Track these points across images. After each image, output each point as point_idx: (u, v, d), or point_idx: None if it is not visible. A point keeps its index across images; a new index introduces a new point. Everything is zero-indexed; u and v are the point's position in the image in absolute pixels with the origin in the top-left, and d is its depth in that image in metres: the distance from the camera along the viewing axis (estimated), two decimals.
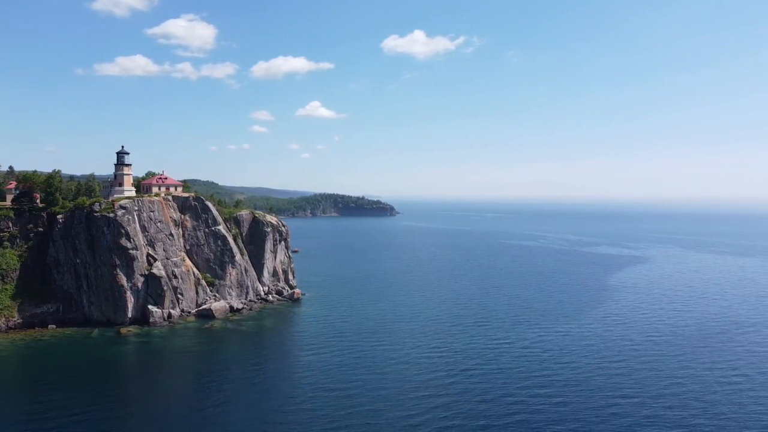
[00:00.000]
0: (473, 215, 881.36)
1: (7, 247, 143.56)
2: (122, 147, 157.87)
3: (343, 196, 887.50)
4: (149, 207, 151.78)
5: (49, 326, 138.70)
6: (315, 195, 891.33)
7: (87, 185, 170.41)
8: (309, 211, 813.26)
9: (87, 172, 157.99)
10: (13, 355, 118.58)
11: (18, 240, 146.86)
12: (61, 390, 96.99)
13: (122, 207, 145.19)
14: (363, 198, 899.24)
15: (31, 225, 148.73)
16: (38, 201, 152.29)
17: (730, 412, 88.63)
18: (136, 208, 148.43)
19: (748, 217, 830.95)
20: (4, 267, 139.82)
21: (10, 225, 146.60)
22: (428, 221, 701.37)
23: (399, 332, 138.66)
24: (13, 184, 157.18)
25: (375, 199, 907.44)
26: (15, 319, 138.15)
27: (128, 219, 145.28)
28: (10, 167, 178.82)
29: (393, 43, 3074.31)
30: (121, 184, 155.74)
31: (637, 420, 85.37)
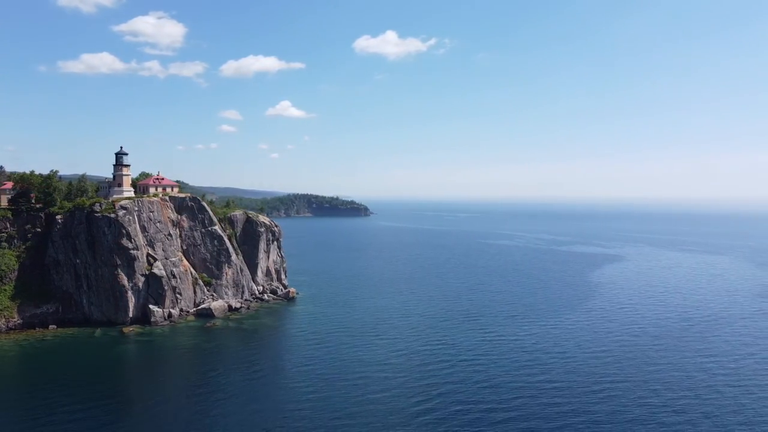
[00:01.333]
0: (446, 215, 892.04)
1: (5, 248, 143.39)
2: (121, 148, 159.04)
3: (316, 197, 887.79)
4: (149, 207, 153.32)
5: (50, 326, 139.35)
6: (288, 195, 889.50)
7: (79, 185, 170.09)
8: (283, 211, 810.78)
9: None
10: (20, 356, 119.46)
11: (16, 240, 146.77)
12: (74, 389, 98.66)
13: (123, 207, 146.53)
14: (337, 198, 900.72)
15: (28, 225, 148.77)
16: (33, 201, 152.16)
17: (706, 394, 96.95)
18: (136, 208, 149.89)
19: (714, 216, 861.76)
20: (3, 268, 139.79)
21: (8, 225, 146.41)
22: (403, 221, 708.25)
23: (396, 327, 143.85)
24: (9, 185, 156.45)
25: (349, 200, 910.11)
26: (15, 319, 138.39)
27: (129, 219, 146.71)
28: (1, 167, 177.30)
29: (365, 43, 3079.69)
30: (120, 185, 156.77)
31: (629, 401, 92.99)
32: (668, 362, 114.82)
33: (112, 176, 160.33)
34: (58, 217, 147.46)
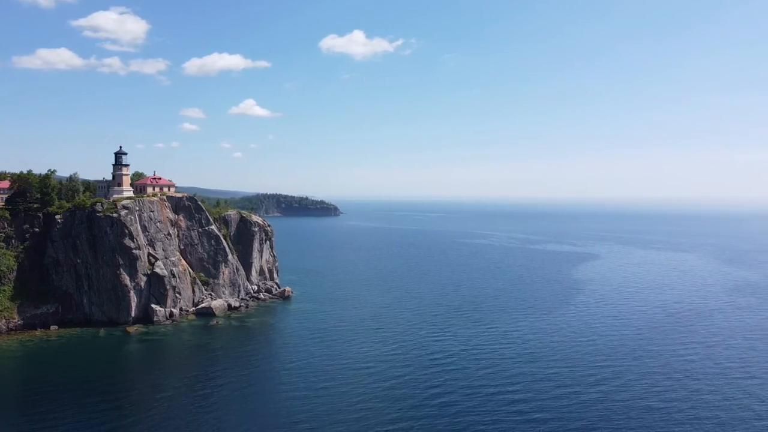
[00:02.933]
0: (416, 215, 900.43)
1: (2, 248, 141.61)
2: (120, 147, 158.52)
3: (285, 196, 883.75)
4: (149, 207, 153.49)
5: (51, 327, 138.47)
6: (257, 195, 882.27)
7: (71, 185, 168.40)
8: (251, 211, 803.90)
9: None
10: (28, 356, 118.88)
11: (13, 240, 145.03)
12: (90, 389, 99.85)
13: (125, 207, 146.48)
14: (307, 198, 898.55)
15: (26, 225, 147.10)
16: (29, 201, 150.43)
17: (685, 377, 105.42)
18: (138, 208, 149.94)
19: (668, 216, 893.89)
20: (3, 268, 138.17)
21: (5, 225, 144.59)
22: (374, 221, 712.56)
23: (394, 322, 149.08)
24: (6, 184, 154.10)
25: (318, 200, 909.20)
26: (15, 320, 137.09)
27: (131, 219, 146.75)
28: None
29: (332, 42, 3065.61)
30: (120, 185, 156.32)
31: (616, 386, 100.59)
32: (649, 350, 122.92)
33: (111, 176, 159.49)
34: (58, 216, 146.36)
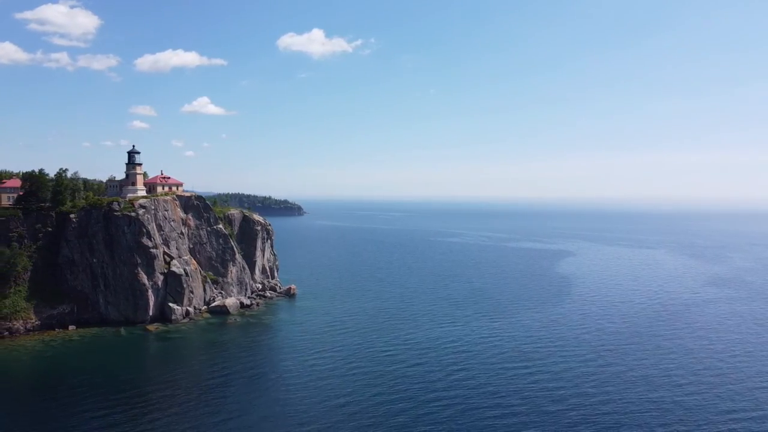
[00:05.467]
0: (379, 214, 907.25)
1: (15, 248, 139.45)
2: (133, 146, 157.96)
3: (248, 196, 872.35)
4: (164, 206, 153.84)
5: (69, 327, 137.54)
6: (219, 195, 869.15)
7: (72, 184, 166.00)
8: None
9: None
10: (57, 355, 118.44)
11: (26, 240, 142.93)
12: (130, 384, 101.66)
13: (142, 206, 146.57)
14: (270, 198, 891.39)
15: (39, 225, 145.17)
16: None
17: (675, 367, 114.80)
18: (153, 207, 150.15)
19: (643, 214, 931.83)
20: (18, 269, 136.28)
21: (18, 225, 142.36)
22: (340, 220, 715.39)
23: (407, 315, 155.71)
24: (10, 182, 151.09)
25: (282, 199, 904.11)
26: (33, 320, 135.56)
27: (148, 218, 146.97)
28: None
29: (290, 40, 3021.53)
30: (134, 184, 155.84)
31: (607, 376, 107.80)
32: (634, 341, 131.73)
33: (124, 175, 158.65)
34: (72, 216, 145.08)
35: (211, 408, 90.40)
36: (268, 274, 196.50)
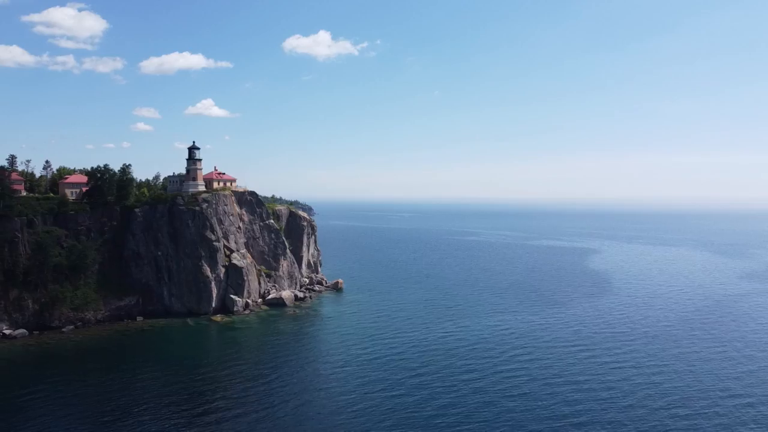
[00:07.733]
0: (390, 215, 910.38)
1: (84, 242, 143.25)
2: (194, 143, 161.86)
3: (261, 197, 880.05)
4: (223, 201, 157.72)
5: (137, 318, 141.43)
6: None
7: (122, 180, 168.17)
8: None
9: None
10: (143, 342, 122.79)
11: (92, 234, 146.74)
12: (220, 368, 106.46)
13: (205, 200, 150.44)
14: (280, 198, 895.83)
15: (104, 219, 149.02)
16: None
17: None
18: (214, 201, 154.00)
19: (632, 214, 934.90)
20: (89, 261, 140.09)
21: (86, 219, 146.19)
22: (352, 220, 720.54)
23: (454, 307, 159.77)
24: (73, 178, 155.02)
25: (293, 200, 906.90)
26: (102, 311, 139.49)
27: (210, 212, 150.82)
28: (47, 162, 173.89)
29: (295, 42, 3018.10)
30: (194, 179, 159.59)
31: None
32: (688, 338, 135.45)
33: (185, 170, 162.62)
34: (138, 210, 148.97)
35: (293, 389, 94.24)
36: (313, 268, 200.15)
